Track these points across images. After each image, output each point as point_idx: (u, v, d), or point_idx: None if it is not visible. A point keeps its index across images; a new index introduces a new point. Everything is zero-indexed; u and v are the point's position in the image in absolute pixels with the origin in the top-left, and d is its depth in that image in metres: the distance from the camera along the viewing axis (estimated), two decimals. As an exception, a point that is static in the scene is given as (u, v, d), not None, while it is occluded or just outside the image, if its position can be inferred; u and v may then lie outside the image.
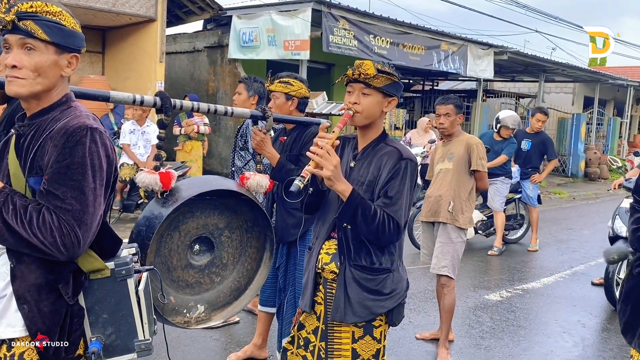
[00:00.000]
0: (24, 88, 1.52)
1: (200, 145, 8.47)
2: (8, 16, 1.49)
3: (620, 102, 21.40)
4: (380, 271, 2.09)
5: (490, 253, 6.76)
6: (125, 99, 2.11)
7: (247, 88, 3.79)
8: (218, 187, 2.35)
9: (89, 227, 1.51)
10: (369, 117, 2.08)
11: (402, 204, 2.02)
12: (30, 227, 1.45)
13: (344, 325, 2.10)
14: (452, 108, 3.83)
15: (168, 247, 2.24)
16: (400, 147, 2.13)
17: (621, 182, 5.42)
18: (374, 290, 2.07)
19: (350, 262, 2.08)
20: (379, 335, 2.13)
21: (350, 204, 1.95)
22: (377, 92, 2.05)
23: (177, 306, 2.29)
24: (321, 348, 2.16)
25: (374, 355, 2.13)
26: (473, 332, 4.26)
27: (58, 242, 1.46)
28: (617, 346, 4.15)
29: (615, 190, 5.78)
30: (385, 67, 2.05)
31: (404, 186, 2.03)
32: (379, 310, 2.08)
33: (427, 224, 4.01)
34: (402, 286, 2.15)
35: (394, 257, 2.13)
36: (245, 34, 9.68)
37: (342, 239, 2.10)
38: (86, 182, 1.51)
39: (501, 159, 6.49)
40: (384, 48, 10.10)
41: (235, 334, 3.96)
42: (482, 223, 7.04)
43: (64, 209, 1.48)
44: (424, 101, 17.31)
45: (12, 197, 1.49)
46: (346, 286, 2.07)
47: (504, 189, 6.74)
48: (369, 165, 2.11)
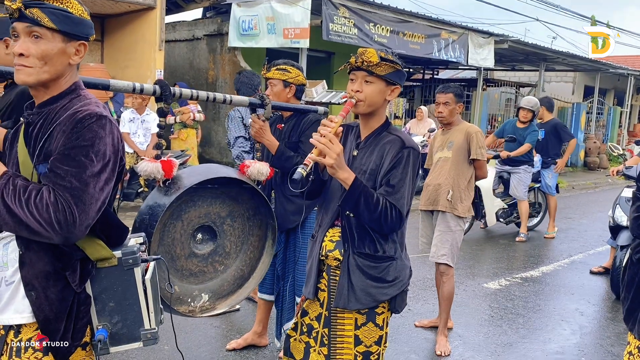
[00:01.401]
0: (32, 77, 1.52)
1: (194, 133, 8.46)
2: (15, 4, 1.49)
3: (620, 91, 21.35)
4: (383, 259, 2.10)
5: (518, 239, 6.97)
6: (125, 88, 2.12)
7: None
8: (220, 174, 2.36)
9: (87, 207, 1.48)
10: (371, 105, 2.09)
11: (404, 192, 2.04)
12: (27, 205, 1.44)
13: (347, 312, 2.12)
14: (452, 97, 3.83)
15: (171, 236, 2.25)
16: (403, 135, 2.14)
17: (620, 169, 5.43)
18: (377, 278, 2.09)
19: (354, 249, 2.09)
20: (381, 322, 2.16)
21: (353, 192, 1.96)
22: (380, 80, 2.06)
23: (181, 295, 2.31)
24: (324, 334, 2.19)
25: (376, 341, 2.15)
26: (472, 320, 4.29)
27: (52, 219, 1.43)
28: (614, 334, 4.19)
29: (613, 176, 5.79)
30: (388, 55, 2.05)
31: (406, 175, 2.04)
32: (382, 298, 2.11)
33: (426, 212, 4.03)
34: (405, 274, 2.17)
35: (397, 245, 2.14)
36: (245, 22, 9.63)
37: (345, 227, 2.11)
38: (88, 163, 1.49)
39: (525, 148, 6.58)
40: (384, 36, 10.06)
41: (235, 321, 4.00)
42: (503, 211, 7.16)
43: (62, 185, 1.47)
44: (424, 90, 17.24)
45: (14, 179, 1.49)
46: (350, 273, 2.09)
47: (526, 178, 6.85)
48: (372, 153, 2.11)
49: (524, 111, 6.62)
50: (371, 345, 2.15)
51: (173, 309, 2.22)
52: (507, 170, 6.92)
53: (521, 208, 6.99)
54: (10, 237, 1.56)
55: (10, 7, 1.49)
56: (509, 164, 6.83)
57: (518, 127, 6.72)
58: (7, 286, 1.55)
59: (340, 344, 2.14)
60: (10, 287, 1.55)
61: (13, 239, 1.55)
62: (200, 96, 2.38)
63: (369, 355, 2.15)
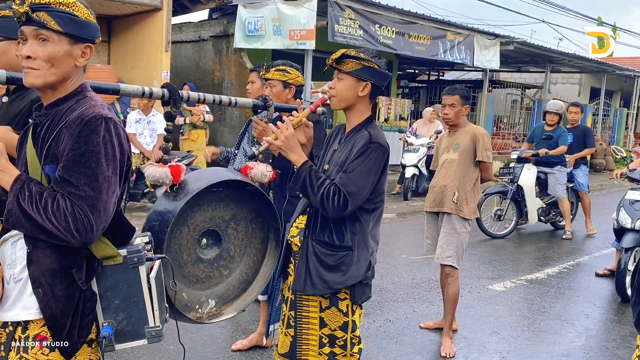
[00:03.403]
0: (39, 79, 1.56)
1: (204, 134, 8.52)
2: (22, 8, 1.52)
3: (627, 93, 21.25)
4: (341, 248, 2.17)
5: (564, 237, 7.28)
6: (134, 92, 2.13)
7: (259, 76, 3.79)
8: (226, 178, 2.36)
9: (102, 213, 1.55)
10: (342, 100, 2.20)
11: (356, 180, 2.09)
12: (45, 212, 1.49)
13: (311, 295, 2.20)
14: (458, 99, 3.83)
15: (178, 242, 2.24)
16: (374, 132, 2.19)
17: (623, 171, 5.40)
18: (331, 266, 2.15)
19: (314, 236, 2.19)
20: (345, 309, 2.21)
21: (299, 173, 2.14)
22: (349, 77, 2.17)
23: (189, 302, 2.31)
24: (291, 317, 2.27)
25: (340, 327, 2.21)
26: (477, 322, 4.29)
27: (71, 227, 1.50)
28: (620, 337, 4.17)
29: (617, 179, 5.77)
30: (359, 53, 2.15)
31: (364, 166, 2.11)
32: (337, 287, 2.16)
33: (432, 214, 4.02)
34: (361, 266, 2.19)
35: (358, 237, 2.19)
36: (251, 23, 9.66)
37: (311, 214, 2.22)
38: (99, 169, 1.54)
39: (562, 149, 6.92)
40: (389, 38, 10.06)
41: (241, 322, 4.00)
42: (543, 210, 7.44)
43: (77, 195, 1.52)
44: (429, 91, 17.25)
45: (28, 184, 1.54)
46: (307, 259, 2.18)
47: (562, 177, 7.16)
48: (346, 148, 2.21)
49: (550, 115, 6.97)
50: (336, 330, 2.21)
51: (182, 314, 2.21)
52: (544, 171, 7.21)
53: (563, 206, 7.26)
54: (18, 235, 1.59)
55: (18, 10, 1.52)
56: (544, 165, 7.17)
57: (547, 130, 7.05)
58: (16, 283, 1.58)
59: (307, 325, 2.22)
60: (18, 284, 1.58)
61: (21, 237, 1.58)
62: (207, 99, 2.40)
63: (334, 339, 2.21)
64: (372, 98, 2.27)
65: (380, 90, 2.29)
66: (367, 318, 4.17)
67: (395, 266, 5.61)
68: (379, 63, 2.18)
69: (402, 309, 4.45)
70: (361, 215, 2.18)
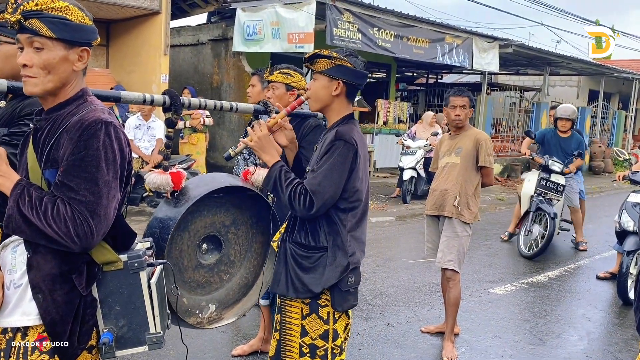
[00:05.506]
0: (37, 87, 1.55)
1: (204, 137, 8.51)
2: (14, 16, 1.50)
3: (625, 95, 21.30)
4: (316, 249, 2.13)
5: (581, 248, 6.93)
6: (135, 99, 2.11)
7: (260, 80, 3.77)
8: (226, 184, 2.35)
9: (102, 218, 1.53)
10: (317, 100, 2.19)
11: (322, 179, 2.05)
12: (45, 217, 1.48)
13: (294, 300, 2.17)
14: (468, 100, 3.81)
15: (178, 248, 2.24)
16: (342, 129, 2.13)
17: (626, 174, 5.39)
18: (308, 268, 2.13)
19: (291, 238, 2.19)
20: (325, 316, 2.15)
21: (271, 173, 2.15)
22: (322, 77, 2.16)
23: (189, 307, 2.30)
24: (277, 320, 2.26)
25: (321, 335, 2.15)
26: (478, 326, 4.27)
27: (72, 232, 1.49)
28: (622, 340, 4.15)
29: (619, 181, 5.76)
30: (332, 52, 2.14)
31: (329, 165, 2.07)
32: (316, 289, 2.11)
33: (432, 217, 4.00)
34: (337, 267, 2.12)
35: (332, 237, 2.12)
36: (250, 26, 9.66)
37: (291, 217, 2.23)
38: (99, 174, 1.53)
39: (580, 162, 6.57)
40: (387, 41, 10.07)
41: (242, 327, 3.98)
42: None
43: (77, 200, 1.51)
44: (428, 94, 17.26)
45: (28, 189, 1.52)
46: (286, 261, 2.17)
47: (575, 185, 6.85)
48: (322, 147, 2.20)
49: (562, 121, 6.57)
50: (316, 339, 2.15)
51: (182, 320, 2.20)
52: None
53: (577, 217, 6.95)
54: (19, 240, 1.58)
55: (10, 19, 1.51)
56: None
57: (561, 137, 6.65)
58: (16, 289, 1.57)
59: (290, 332, 2.20)
60: (18, 290, 1.56)
61: (22, 242, 1.57)
62: (209, 105, 2.39)
63: (315, 348, 2.16)
64: (350, 97, 2.21)
65: (356, 89, 2.22)
66: (367, 322, 4.15)
67: (395, 270, 5.59)
68: (353, 62, 2.14)
69: (403, 312, 4.43)
70: (337, 214, 2.12)
